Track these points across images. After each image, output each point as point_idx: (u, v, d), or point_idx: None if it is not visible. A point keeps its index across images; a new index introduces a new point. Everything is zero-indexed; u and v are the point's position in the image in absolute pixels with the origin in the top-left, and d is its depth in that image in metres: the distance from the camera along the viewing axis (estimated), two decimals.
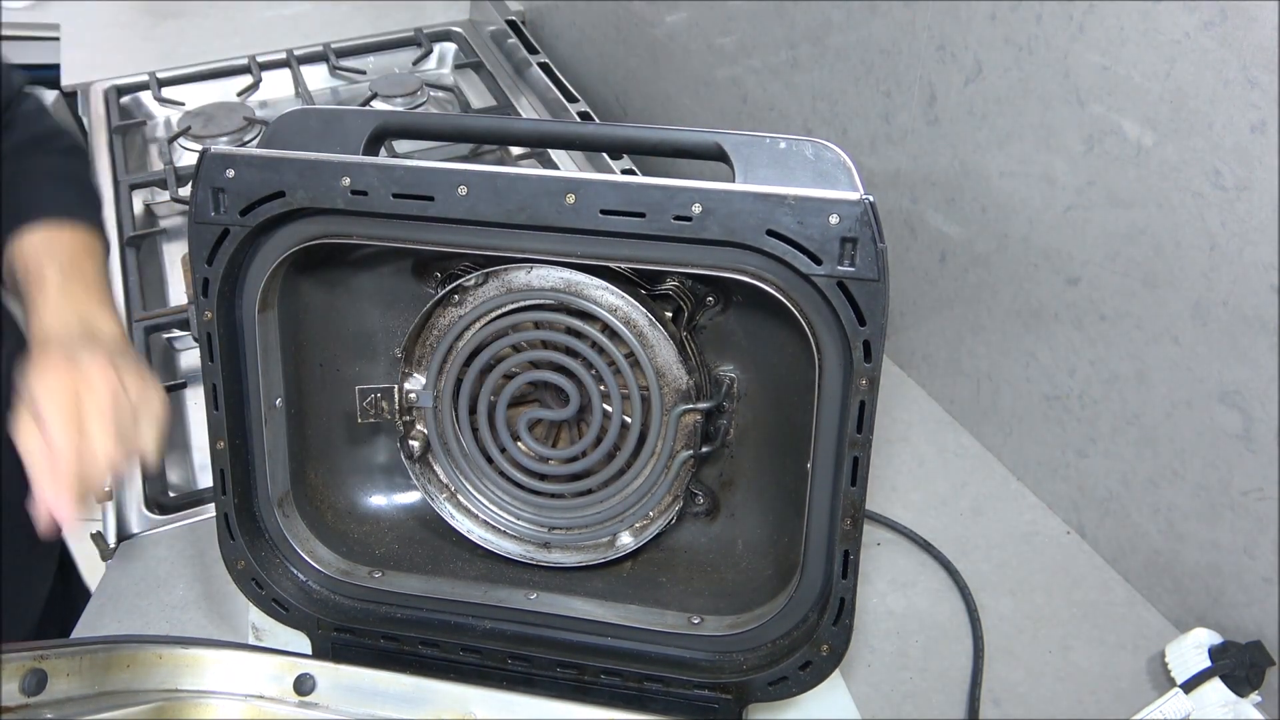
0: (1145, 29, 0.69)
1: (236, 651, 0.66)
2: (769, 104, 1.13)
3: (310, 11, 1.69)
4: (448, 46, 1.60)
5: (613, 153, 1.20)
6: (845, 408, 0.58)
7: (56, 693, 0.59)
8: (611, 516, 0.71)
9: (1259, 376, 0.69)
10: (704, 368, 0.70)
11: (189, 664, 0.65)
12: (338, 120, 0.62)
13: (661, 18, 1.29)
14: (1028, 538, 0.88)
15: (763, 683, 0.64)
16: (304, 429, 0.72)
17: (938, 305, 0.96)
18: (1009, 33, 0.79)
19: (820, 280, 0.56)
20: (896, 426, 0.98)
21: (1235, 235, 0.67)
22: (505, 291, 0.67)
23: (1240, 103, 0.65)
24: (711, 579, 0.72)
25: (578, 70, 1.55)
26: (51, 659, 0.60)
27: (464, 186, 0.59)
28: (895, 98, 0.93)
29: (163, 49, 1.57)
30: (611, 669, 0.67)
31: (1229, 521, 0.74)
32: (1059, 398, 0.85)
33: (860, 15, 0.94)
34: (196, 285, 0.64)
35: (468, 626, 0.70)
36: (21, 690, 0.58)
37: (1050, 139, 0.79)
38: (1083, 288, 0.80)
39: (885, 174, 0.97)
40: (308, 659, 0.67)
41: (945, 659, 0.78)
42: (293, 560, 0.71)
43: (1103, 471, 0.83)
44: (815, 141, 0.55)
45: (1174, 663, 0.74)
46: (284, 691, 0.65)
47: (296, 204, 0.61)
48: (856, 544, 0.61)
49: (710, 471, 0.73)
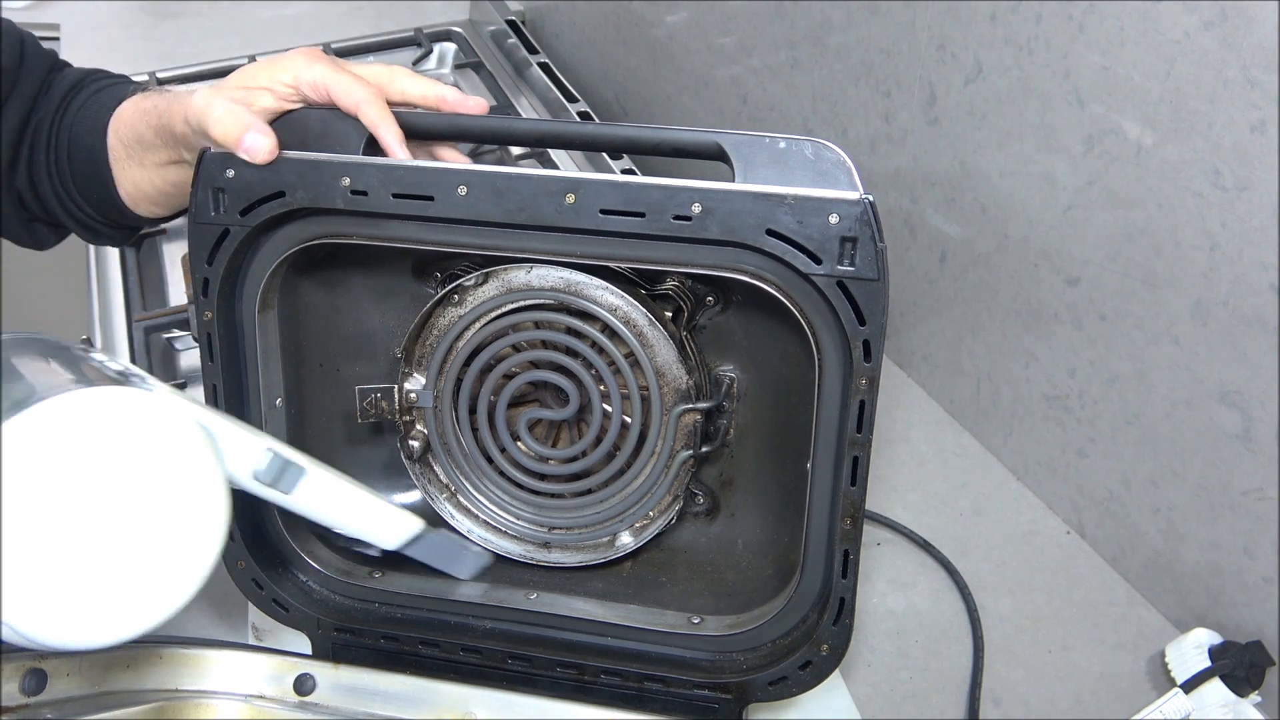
0: (1145, 29, 0.69)
1: (236, 651, 0.66)
2: (769, 104, 1.13)
3: (310, 11, 1.69)
4: (448, 46, 1.60)
5: (613, 153, 1.20)
6: (845, 407, 0.58)
7: (56, 693, 0.59)
8: (611, 516, 0.71)
9: (1259, 376, 0.69)
10: (704, 368, 0.70)
11: (189, 664, 0.65)
12: (337, 120, 0.62)
13: (661, 18, 1.29)
14: (1028, 538, 0.88)
15: (763, 683, 0.64)
16: (304, 429, 0.72)
17: (938, 305, 0.96)
18: (1009, 33, 0.79)
19: (820, 280, 0.56)
20: (896, 426, 0.98)
21: (1235, 235, 0.67)
22: (505, 291, 0.67)
23: (1240, 103, 0.65)
24: (711, 579, 0.72)
25: (578, 70, 1.55)
26: (51, 659, 0.60)
27: (464, 186, 0.59)
28: (895, 98, 0.93)
29: (163, 49, 1.57)
30: (611, 669, 0.67)
31: (1229, 521, 0.74)
32: (1059, 398, 0.85)
33: (860, 15, 0.94)
34: (196, 285, 0.64)
35: (468, 626, 0.70)
36: (21, 690, 0.58)
37: (1050, 139, 0.79)
38: (1083, 288, 0.80)
39: (885, 174, 0.97)
40: (308, 659, 0.67)
41: (945, 659, 0.78)
42: (293, 560, 0.71)
43: (1103, 471, 0.83)
44: (815, 141, 0.55)
45: (1174, 663, 0.74)
46: (284, 691, 0.65)
47: (296, 204, 0.61)
48: (856, 544, 0.61)
49: (710, 471, 0.73)
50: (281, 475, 0.54)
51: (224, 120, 0.60)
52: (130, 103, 0.71)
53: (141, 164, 0.71)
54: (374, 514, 0.59)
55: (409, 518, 0.61)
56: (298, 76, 0.62)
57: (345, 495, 0.58)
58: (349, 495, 0.58)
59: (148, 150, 0.70)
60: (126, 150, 0.71)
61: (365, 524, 0.59)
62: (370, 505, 0.59)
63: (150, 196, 0.73)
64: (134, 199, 0.74)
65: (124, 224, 0.77)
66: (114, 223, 0.77)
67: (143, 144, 0.70)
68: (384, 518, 0.60)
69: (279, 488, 0.55)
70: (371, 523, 0.60)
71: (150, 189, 0.73)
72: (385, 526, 0.60)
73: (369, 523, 0.59)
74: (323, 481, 0.56)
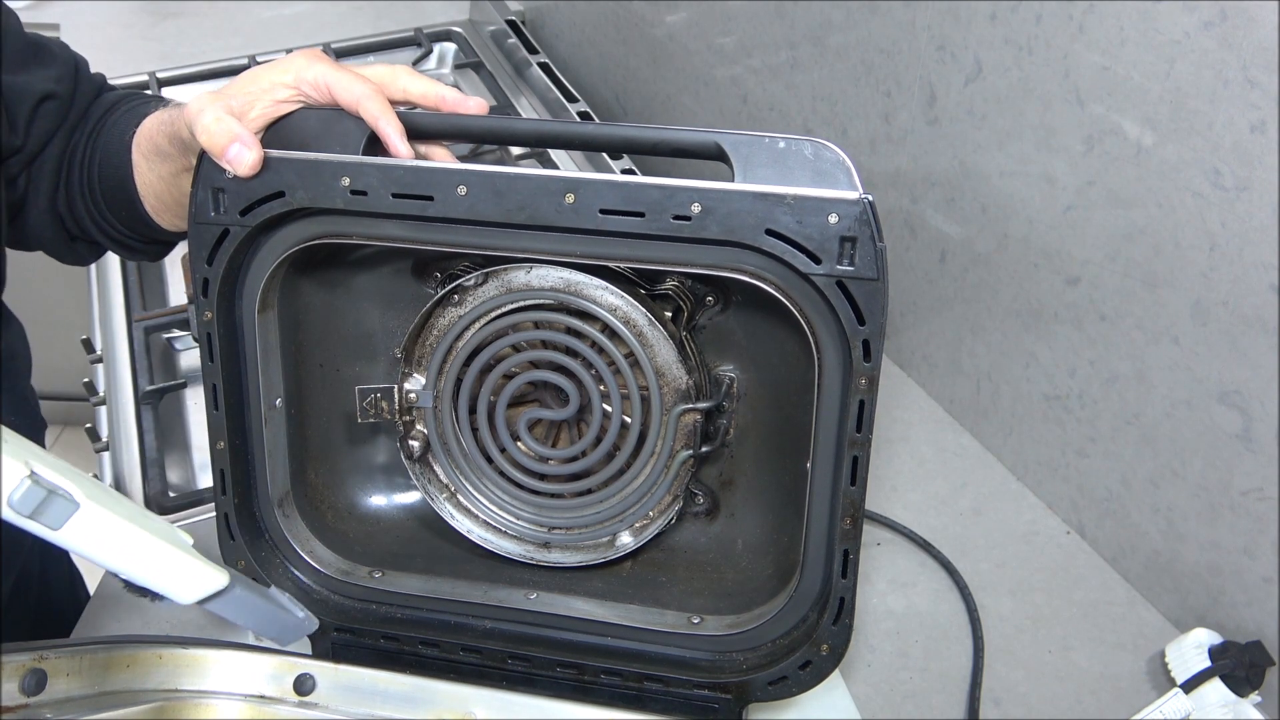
0: (1145, 29, 0.69)
1: (236, 651, 0.66)
2: (769, 104, 1.13)
3: (310, 11, 1.69)
4: (448, 46, 1.60)
5: (612, 152, 1.20)
6: (845, 407, 0.58)
7: (56, 693, 0.59)
8: (611, 516, 0.71)
9: (1259, 376, 0.69)
10: (704, 367, 0.70)
11: (189, 664, 0.65)
12: (337, 120, 0.62)
13: (661, 18, 1.29)
14: (1028, 538, 0.88)
15: (762, 682, 0.64)
16: (304, 429, 0.72)
17: (938, 305, 0.96)
18: (1009, 33, 0.79)
19: (819, 279, 0.56)
20: (896, 426, 0.98)
21: (1235, 235, 0.67)
22: (505, 291, 0.67)
23: (1240, 103, 0.65)
24: (711, 579, 0.72)
25: (578, 70, 1.55)
26: (51, 659, 0.60)
27: (463, 186, 0.59)
28: (895, 98, 0.93)
29: (163, 49, 1.57)
30: (611, 669, 0.67)
31: (1229, 521, 0.74)
32: (1059, 398, 0.85)
33: (860, 15, 0.94)
34: (196, 285, 0.64)
35: (468, 626, 0.70)
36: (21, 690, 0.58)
37: (1050, 139, 0.79)
38: (1083, 288, 0.80)
39: (885, 174, 0.97)
40: (308, 659, 0.67)
41: (945, 659, 0.78)
42: (293, 560, 0.71)
43: (1103, 471, 0.83)
44: (814, 141, 0.55)
45: (1174, 663, 0.74)
46: (284, 691, 0.65)
47: (296, 204, 0.61)
48: (856, 544, 0.61)
49: (710, 471, 0.73)
50: (44, 507, 0.46)
51: (211, 129, 0.60)
52: (152, 117, 0.72)
53: (160, 175, 0.72)
54: (167, 563, 0.52)
55: (214, 571, 0.54)
56: (299, 76, 0.62)
57: (131, 539, 0.50)
58: (135, 540, 0.50)
59: (165, 160, 0.70)
60: (147, 163, 0.72)
61: (155, 574, 0.52)
62: (163, 553, 0.52)
63: (170, 207, 0.74)
64: (157, 211, 0.75)
65: (154, 239, 0.78)
66: (144, 238, 0.78)
67: (160, 155, 0.71)
68: (179, 568, 0.53)
69: (42, 521, 0.47)
70: (162, 573, 0.52)
71: (170, 199, 0.74)
72: (179, 579, 0.53)
73: (160, 573, 0.52)
74: (101, 521, 0.49)
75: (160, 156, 0.71)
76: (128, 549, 0.50)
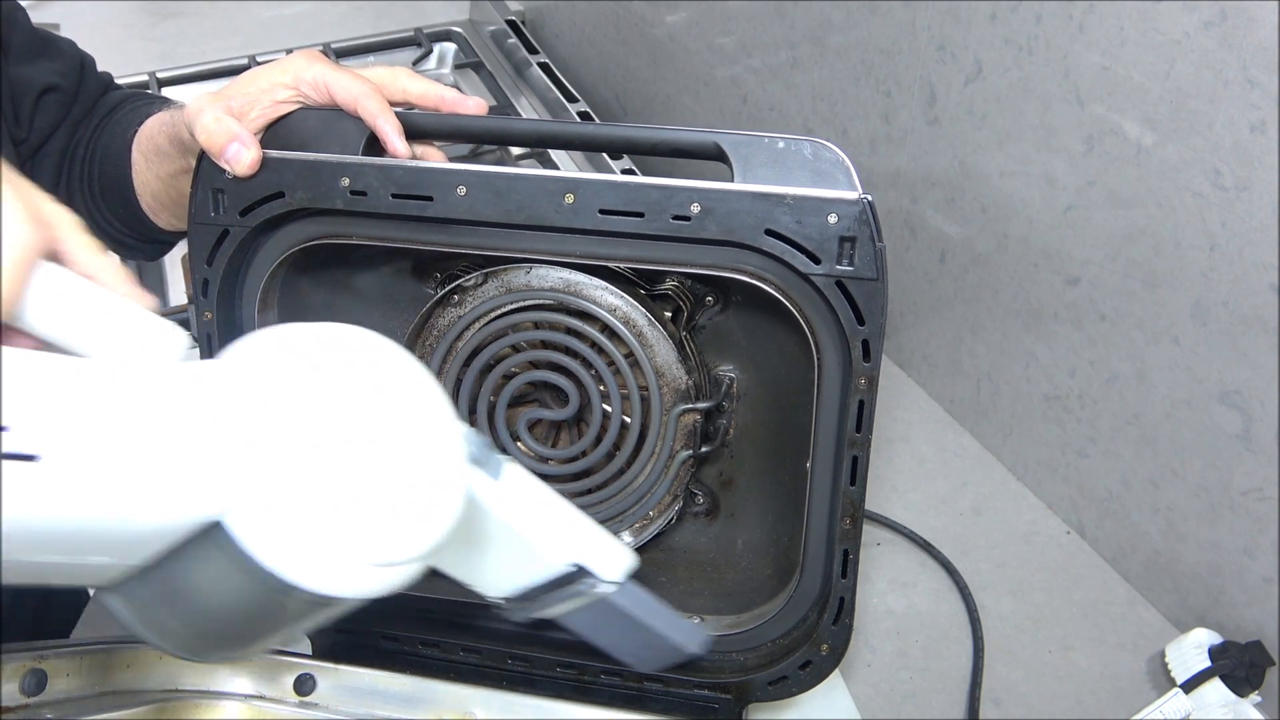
0: (1145, 29, 0.69)
1: None
2: (769, 104, 1.13)
3: (310, 11, 1.69)
4: (448, 46, 1.60)
5: (612, 153, 1.20)
6: (844, 407, 0.58)
7: (56, 693, 0.59)
8: (611, 516, 0.71)
9: (1259, 376, 0.69)
10: (703, 368, 0.70)
11: (189, 664, 0.65)
12: (337, 120, 0.62)
13: (661, 18, 1.29)
14: (1028, 538, 0.88)
15: (762, 682, 0.64)
16: None
17: (938, 305, 0.96)
18: (1009, 33, 0.79)
19: (819, 279, 0.56)
20: (896, 426, 0.98)
21: (1235, 235, 0.67)
22: (505, 292, 0.67)
23: (1240, 103, 0.65)
24: (711, 579, 0.72)
25: (578, 70, 1.55)
26: (51, 659, 0.60)
27: (463, 186, 0.59)
28: (895, 98, 0.93)
29: (163, 49, 1.57)
30: (611, 669, 0.67)
31: (1229, 521, 0.74)
32: (1059, 398, 0.85)
33: (860, 15, 0.94)
34: (196, 286, 0.64)
35: (468, 626, 0.70)
36: (21, 690, 0.58)
37: (1050, 139, 0.79)
38: (1083, 288, 0.80)
39: (885, 174, 0.97)
40: (308, 659, 0.67)
41: (945, 659, 0.78)
42: None
43: (1103, 471, 0.83)
44: (814, 141, 0.55)
45: (1174, 663, 0.74)
46: (284, 691, 0.65)
47: (296, 204, 0.61)
48: (856, 543, 0.61)
49: (710, 471, 0.73)
50: (485, 457, 0.45)
51: (210, 128, 0.61)
52: (154, 118, 0.73)
53: (158, 175, 0.72)
54: (597, 539, 0.49)
55: (625, 549, 0.51)
56: (298, 76, 0.62)
57: (561, 509, 0.48)
58: (562, 510, 0.48)
59: (164, 160, 0.71)
60: (147, 162, 0.73)
61: (587, 549, 0.49)
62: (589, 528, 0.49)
63: (167, 207, 0.75)
64: (153, 210, 0.75)
65: (152, 238, 0.79)
66: (142, 236, 0.79)
67: (160, 155, 0.71)
68: (605, 543, 0.49)
69: (486, 470, 0.45)
70: (595, 548, 0.49)
71: (167, 199, 0.74)
72: (606, 555, 0.49)
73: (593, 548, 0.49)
74: (526, 478, 0.47)
75: (160, 156, 0.71)
76: (557, 519, 0.48)
